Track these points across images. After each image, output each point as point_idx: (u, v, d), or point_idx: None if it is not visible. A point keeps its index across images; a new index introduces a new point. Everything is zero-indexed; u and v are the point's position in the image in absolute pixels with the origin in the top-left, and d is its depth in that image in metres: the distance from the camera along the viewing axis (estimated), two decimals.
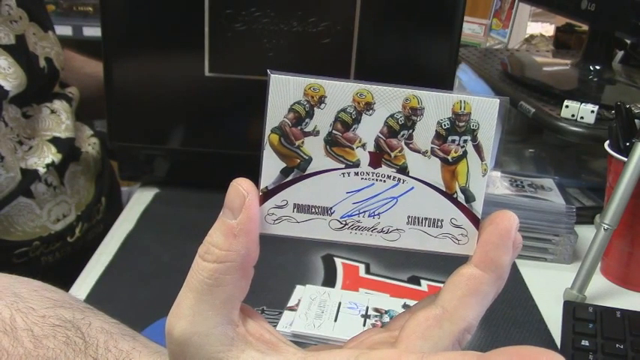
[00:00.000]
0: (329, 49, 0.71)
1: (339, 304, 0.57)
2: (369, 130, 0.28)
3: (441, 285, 0.68)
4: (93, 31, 1.61)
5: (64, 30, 1.57)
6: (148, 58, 0.75)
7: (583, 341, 0.52)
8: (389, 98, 0.28)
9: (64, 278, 0.77)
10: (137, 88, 0.76)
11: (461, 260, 0.30)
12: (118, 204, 0.93)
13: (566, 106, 0.76)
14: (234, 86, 0.74)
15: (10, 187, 0.70)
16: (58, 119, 0.77)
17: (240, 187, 0.28)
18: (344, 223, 0.29)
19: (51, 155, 0.74)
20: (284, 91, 0.28)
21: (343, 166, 0.29)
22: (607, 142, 0.65)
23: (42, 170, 0.73)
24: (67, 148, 0.77)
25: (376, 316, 0.55)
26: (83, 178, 0.81)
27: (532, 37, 1.43)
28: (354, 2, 0.70)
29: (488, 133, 0.28)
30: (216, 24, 0.70)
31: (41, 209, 0.74)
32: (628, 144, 0.61)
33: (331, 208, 0.29)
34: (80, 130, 0.84)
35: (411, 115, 0.28)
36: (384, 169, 0.29)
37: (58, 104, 0.78)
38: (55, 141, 0.75)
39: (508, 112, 0.99)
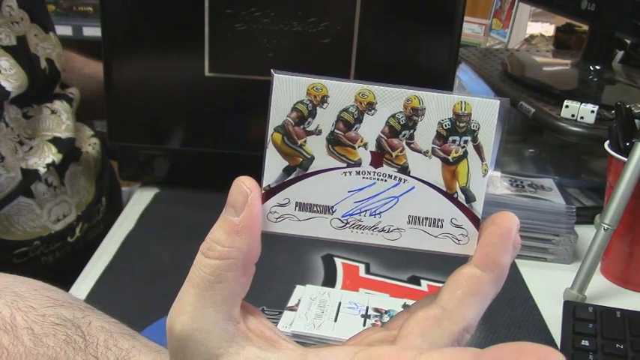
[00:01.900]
0: (329, 49, 0.71)
1: (339, 304, 0.57)
2: (370, 129, 0.28)
3: (441, 285, 0.68)
4: (93, 31, 1.61)
5: (64, 30, 1.57)
6: (148, 58, 0.75)
7: (583, 341, 0.52)
8: (390, 98, 0.28)
9: (64, 278, 0.77)
10: (137, 88, 0.76)
11: (461, 260, 0.30)
12: (118, 204, 0.93)
13: (566, 106, 0.76)
14: (234, 86, 0.74)
15: (11, 187, 0.70)
16: (58, 119, 0.77)
17: (243, 184, 0.28)
18: (345, 222, 0.29)
19: (51, 155, 0.74)
20: (287, 90, 0.28)
21: (345, 165, 0.29)
22: (607, 142, 0.65)
23: (42, 170, 0.73)
24: (68, 148, 0.77)
25: (376, 316, 0.55)
26: (83, 178, 0.81)
27: (532, 37, 1.44)
28: (354, 2, 0.70)
29: (489, 133, 0.28)
30: (216, 24, 0.70)
31: (41, 209, 0.74)
32: (628, 144, 0.61)
33: (333, 206, 0.29)
34: (80, 131, 0.84)
35: (413, 115, 0.28)
36: (386, 169, 0.29)
37: (59, 104, 0.78)
38: (56, 141, 0.75)
39: (508, 112, 1.00)
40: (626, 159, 0.60)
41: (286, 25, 0.70)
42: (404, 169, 0.29)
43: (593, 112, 0.74)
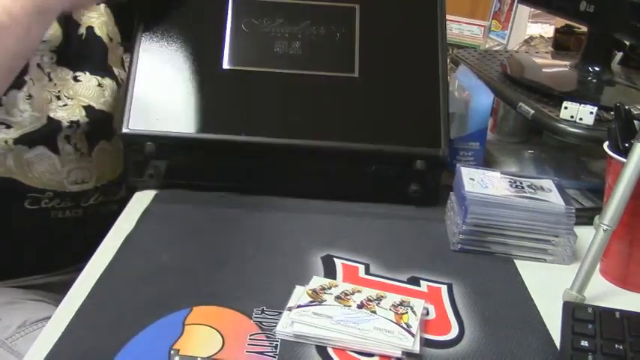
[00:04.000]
0: (335, 47, 0.79)
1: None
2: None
3: (441, 286, 0.68)
4: None
5: None
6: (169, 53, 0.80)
7: (582, 342, 0.52)
8: None
9: (67, 240, 0.81)
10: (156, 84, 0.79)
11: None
12: None
13: (565, 108, 0.76)
14: (248, 81, 0.79)
15: (34, 127, 0.75)
16: (101, 93, 0.81)
17: None
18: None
19: (79, 117, 0.79)
20: None
21: None
22: (606, 143, 0.65)
23: (65, 124, 0.77)
24: (98, 119, 0.80)
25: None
26: (111, 158, 0.85)
27: (531, 38, 1.44)
28: (353, 12, 0.81)
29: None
30: (236, 29, 0.80)
31: (62, 167, 0.78)
32: (627, 145, 0.61)
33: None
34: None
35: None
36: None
37: (108, 82, 0.83)
38: (88, 108, 0.80)
39: (508, 113, 1.00)
40: (625, 160, 0.60)
41: (297, 29, 0.80)
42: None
43: (592, 113, 0.74)
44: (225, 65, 0.78)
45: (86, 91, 0.80)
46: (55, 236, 0.83)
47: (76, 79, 0.80)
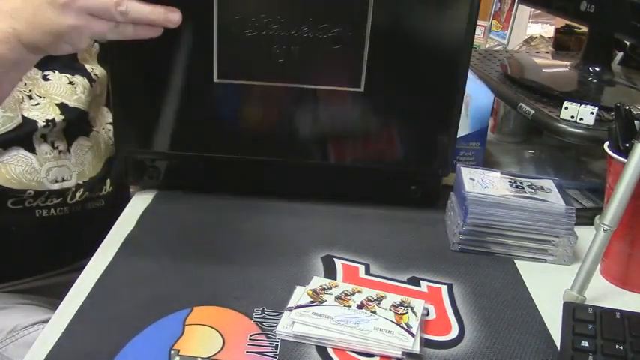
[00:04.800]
0: (340, 55, 0.70)
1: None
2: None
3: (441, 286, 0.68)
4: None
5: None
6: (154, 63, 0.74)
7: (583, 342, 0.52)
8: None
9: (55, 239, 0.80)
10: (144, 94, 0.75)
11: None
12: (125, 195, 0.93)
13: (566, 108, 0.76)
14: (243, 92, 0.73)
15: (8, 127, 0.74)
16: (72, 90, 0.81)
17: None
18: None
19: (54, 115, 0.78)
20: None
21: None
22: (606, 143, 0.65)
23: (41, 123, 0.77)
24: (73, 116, 0.80)
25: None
26: (91, 154, 0.84)
27: (531, 38, 1.44)
28: (366, 8, 0.68)
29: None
30: (225, 30, 0.69)
31: (41, 166, 0.78)
32: (627, 145, 0.61)
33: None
34: (101, 113, 0.87)
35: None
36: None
37: (79, 79, 0.83)
38: (62, 106, 0.80)
39: (508, 114, 1.00)
40: (625, 160, 0.60)
41: (296, 31, 0.69)
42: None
43: (592, 113, 0.74)
44: (215, 78, 0.71)
45: (57, 89, 0.80)
46: (42, 237, 0.82)
47: (45, 77, 0.80)
